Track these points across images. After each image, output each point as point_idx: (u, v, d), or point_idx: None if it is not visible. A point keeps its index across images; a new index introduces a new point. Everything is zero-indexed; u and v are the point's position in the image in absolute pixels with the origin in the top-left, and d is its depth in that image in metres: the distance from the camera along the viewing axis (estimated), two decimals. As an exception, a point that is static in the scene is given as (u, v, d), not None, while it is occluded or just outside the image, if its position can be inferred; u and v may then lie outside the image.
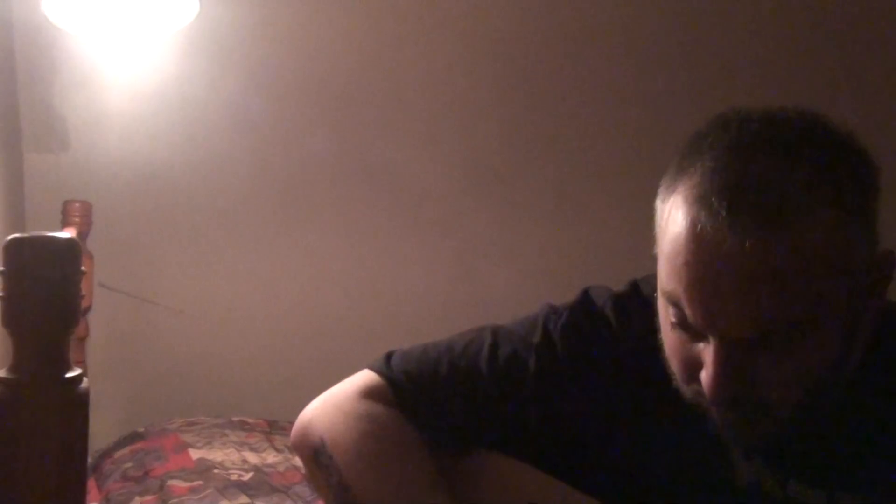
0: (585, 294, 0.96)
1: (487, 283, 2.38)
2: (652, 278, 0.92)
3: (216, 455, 1.73)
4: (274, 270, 2.27)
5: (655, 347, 0.84)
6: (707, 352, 0.76)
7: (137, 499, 1.54)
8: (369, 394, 0.94)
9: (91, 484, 1.69)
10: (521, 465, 0.92)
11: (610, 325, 0.92)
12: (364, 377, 0.97)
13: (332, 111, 2.30)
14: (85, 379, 0.66)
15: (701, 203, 0.74)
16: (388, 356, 0.98)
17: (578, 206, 2.45)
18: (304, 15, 2.25)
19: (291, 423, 1.01)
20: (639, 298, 0.92)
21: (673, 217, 0.77)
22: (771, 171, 0.74)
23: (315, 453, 0.94)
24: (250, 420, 2.00)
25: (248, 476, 1.64)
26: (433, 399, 0.94)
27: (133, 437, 1.87)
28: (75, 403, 0.65)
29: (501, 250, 2.42)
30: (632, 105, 2.46)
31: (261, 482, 1.61)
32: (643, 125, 2.45)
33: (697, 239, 0.74)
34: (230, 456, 1.74)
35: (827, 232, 0.73)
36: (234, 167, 2.24)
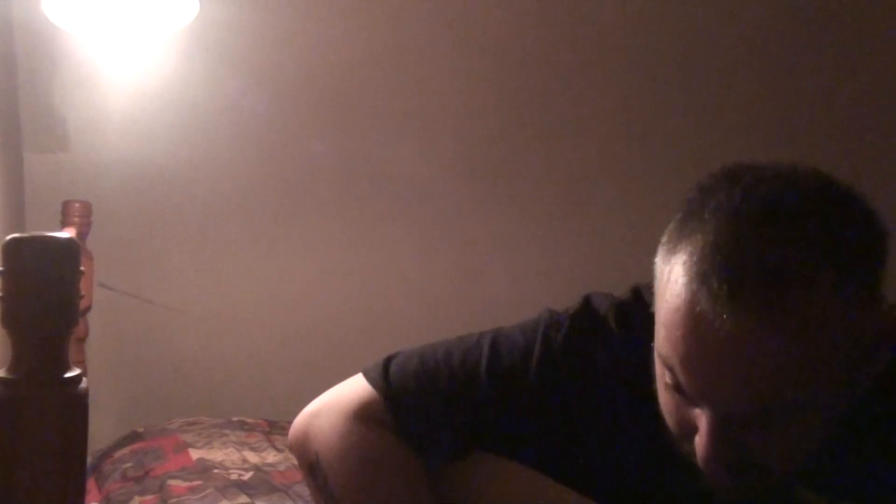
0: (587, 302, 0.95)
1: (487, 283, 2.38)
2: (653, 284, 0.91)
3: (216, 455, 1.73)
4: (274, 270, 2.27)
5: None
6: (701, 419, 0.75)
7: (137, 499, 1.54)
8: (365, 415, 0.94)
9: (91, 484, 1.69)
10: (517, 466, 0.92)
11: (612, 336, 0.91)
12: (361, 391, 0.96)
13: (332, 111, 2.30)
14: (84, 379, 0.66)
15: (700, 281, 0.72)
16: (385, 364, 0.97)
17: (578, 206, 2.45)
18: (304, 15, 2.25)
19: (291, 423, 1.01)
20: (641, 307, 0.90)
21: (672, 286, 0.75)
22: (774, 249, 0.72)
23: (310, 469, 0.95)
24: (250, 420, 2.00)
25: (248, 476, 1.64)
26: (431, 416, 0.93)
27: (133, 437, 1.87)
28: (75, 403, 0.65)
29: (501, 250, 2.42)
30: (632, 104, 2.47)
31: (261, 482, 1.61)
32: (643, 125, 2.46)
33: (696, 318, 0.72)
34: (230, 456, 1.74)
35: (830, 314, 0.71)
36: (233, 167, 2.24)
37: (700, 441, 0.75)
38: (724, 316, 0.71)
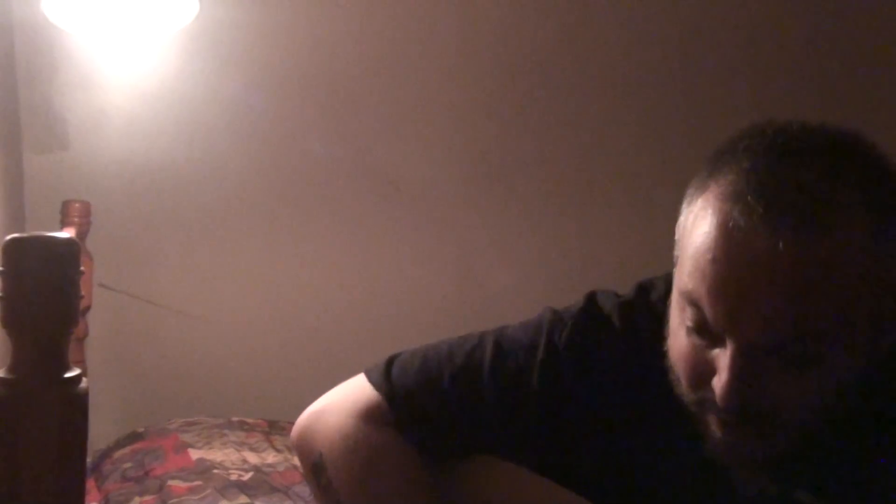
0: (591, 300, 0.94)
1: (487, 283, 2.38)
2: (658, 282, 0.90)
3: (216, 455, 1.73)
4: (274, 270, 2.27)
5: (661, 359, 0.83)
6: (722, 357, 0.74)
7: (137, 499, 1.54)
8: (369, 415, 0.94)
9: (91, 484, 1.69)
10: (522, 471, 0.92)
11: (616, 336, 0.90)
12: (365, 392, 0.96)
13: (332, 111, 2.30)
14: (84, 379, 0.66)
15: (735, 200, 0.72)
16: (388, 364, 0.96)
17: (578, 206, 2.45)
18: (304, 15, 2.25)
19: (291, 423, 1.01)
20: (646, 306, 0.90)
21: (702, 215, 0.75)
22: (810, 175, 0.72)
23: (314, 468, 0.95)
24: (250, 420, 2.00)
25: (247, 476, 1.63)
26: (433, 416, 0.93)
27: (133, 438, 1.86)
28: (75, 403, 0.65)
29: (501, 250, 2.42)
30: (632, 104, 2.46)
31: (261, 482, 1.61)
32: (643, 124, 2.45)
33: (728, 236, 0.72)
34: (230, 456, 1.74)
35: (864, 243, 0.71)
36: (234, 167, 2.24)
37: (720, 379, 0.74)
38: (759, 230, 0.70)
